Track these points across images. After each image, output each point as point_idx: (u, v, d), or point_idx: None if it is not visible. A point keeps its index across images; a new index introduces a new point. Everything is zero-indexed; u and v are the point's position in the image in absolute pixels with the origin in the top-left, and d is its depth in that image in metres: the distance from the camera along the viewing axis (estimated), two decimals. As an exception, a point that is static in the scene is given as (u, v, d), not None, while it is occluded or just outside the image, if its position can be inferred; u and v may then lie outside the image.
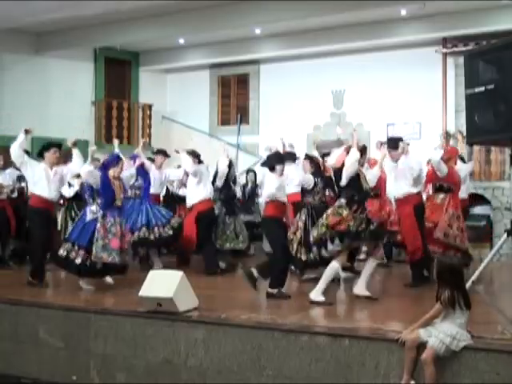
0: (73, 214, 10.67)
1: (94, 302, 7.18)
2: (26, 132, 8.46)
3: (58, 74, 14.06)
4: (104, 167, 8.12)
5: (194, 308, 6.45)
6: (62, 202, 10.85)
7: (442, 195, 8.46)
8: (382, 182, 8.97)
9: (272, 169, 7.60)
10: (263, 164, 7.97)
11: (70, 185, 10.68)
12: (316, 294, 6.97)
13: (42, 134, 13.43)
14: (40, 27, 13.07)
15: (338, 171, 7.22)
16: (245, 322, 6.07)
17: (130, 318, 6.56)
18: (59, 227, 10.71)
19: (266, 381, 5.77)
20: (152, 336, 6.36)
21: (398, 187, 8.20)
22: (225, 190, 10.02)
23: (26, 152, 11.33)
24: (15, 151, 8.38)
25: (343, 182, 7.11)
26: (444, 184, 8.48)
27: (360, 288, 7.17)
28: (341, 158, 7.20)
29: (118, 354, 6.52)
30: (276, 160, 7.65)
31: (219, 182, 9.97)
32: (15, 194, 10.52)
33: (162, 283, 6.37)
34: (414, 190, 8.17)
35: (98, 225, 7.85)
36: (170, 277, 6.48)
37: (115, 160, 8.23)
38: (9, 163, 11.26)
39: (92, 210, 7.95)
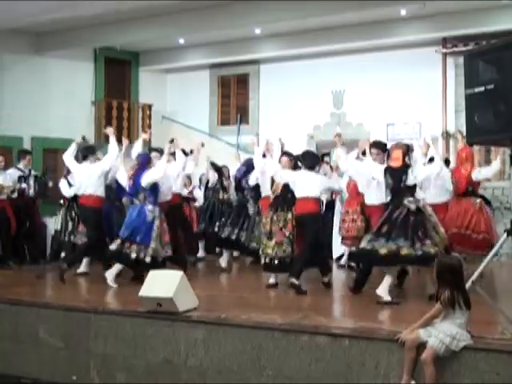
0: (73, 214, 10.64)
1: (93, 302, 7.18)
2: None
3: (58, 74, 14.05)
4: (144, 167, 8.47)
5: (194, 308, 6.45)
6: (62, 202, 10.85)
7: (478, 199, 8.64)
8: None
9: (312, 168, 7.93)
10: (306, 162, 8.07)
11: (70, 185, 10.67)
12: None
13: (41, 134, 13.51)
14: (40, 27, 13.06)
15: (398, 170, 7.08)
16: (245, 322, 6.06)
17: (130, 317, 6.56)
18: (59, 227, 10.71)
19: (266, 381, 5.77)
20: (152, 336, 6.36)
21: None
22: (256, 188, 9.99)
23: (28, 152, 11.40)
24: (115, 157, 8.83)
25: (417, 180, 7.10)
26: (475, 187, 8.71)
27: (383, 291, 6.99)
28: (398, 156, 7.11)
29: (118, 354, 6.52)
30: (316, 159, 8.16)
31: (252, 181, 9.88)
32: (15, 195, 10.52)
33: (162, 283, 6.37)
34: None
35: (158, 222, 8.32)
36: (170, 277, 6.48)
37: (149, 158, 8.66)
38: (10, 163, 11.29)
39: (150, 209, 8.33)
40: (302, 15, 11.48)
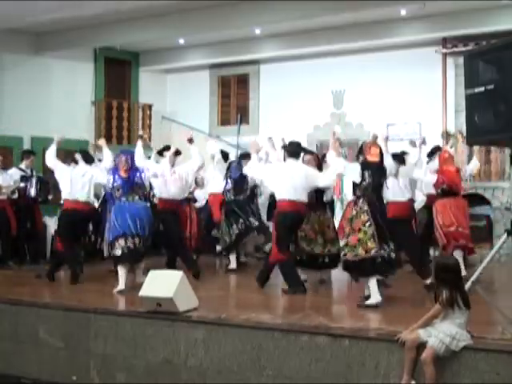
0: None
1: (93, 302, 7.18)
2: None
3: (58, 75, 14.04)
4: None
5: (194, 308, 6.45)
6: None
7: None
8: None
9: None
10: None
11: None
12: None
13: (42, 134, 13.48)
14: (40, 27, 13.05)
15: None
16: (245, 322, 6.07)
17: (129, 318, 6.56)
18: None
19: (266, 381, 5.78)
20: (152, 336, 6.36)
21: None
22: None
23: (30, 152, 11.38)
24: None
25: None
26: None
27: None
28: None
29: (118, 354, 6.52)
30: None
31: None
32: (15, 195, 10.51)
33: (162, 283, 6.37)
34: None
35: None
36: (170, 277, 6.48)
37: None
38: (10, 163, 11.29)
39: None
40: (302, 15, 11.47)
